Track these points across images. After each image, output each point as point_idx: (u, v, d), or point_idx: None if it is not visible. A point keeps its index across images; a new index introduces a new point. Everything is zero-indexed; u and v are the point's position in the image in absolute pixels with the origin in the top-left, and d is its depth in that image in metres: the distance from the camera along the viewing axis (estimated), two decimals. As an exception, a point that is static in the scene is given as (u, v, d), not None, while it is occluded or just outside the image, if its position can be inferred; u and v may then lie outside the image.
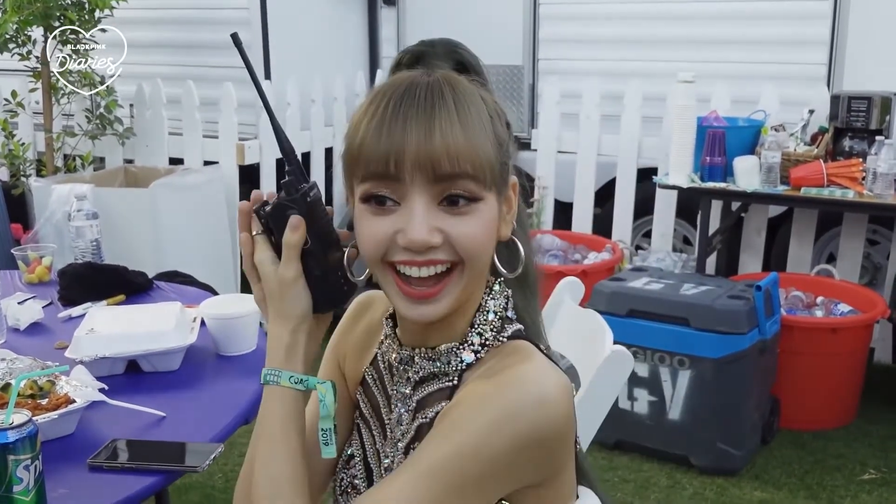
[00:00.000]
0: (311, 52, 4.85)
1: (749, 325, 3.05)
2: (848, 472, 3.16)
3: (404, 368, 1.07)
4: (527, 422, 0.92)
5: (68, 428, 1.59)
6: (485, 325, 1.03)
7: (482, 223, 0.96)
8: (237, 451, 3.25)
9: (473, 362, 1.02)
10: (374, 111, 0.95)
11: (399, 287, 0.97)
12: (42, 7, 4.10)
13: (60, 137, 4.55)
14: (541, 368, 0.97)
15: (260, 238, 1.03)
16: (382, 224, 0.95)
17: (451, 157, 0.92)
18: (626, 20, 4.50)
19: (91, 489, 1.43)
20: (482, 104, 0.97)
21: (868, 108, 3.60)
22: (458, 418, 0.94)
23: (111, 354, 1.83)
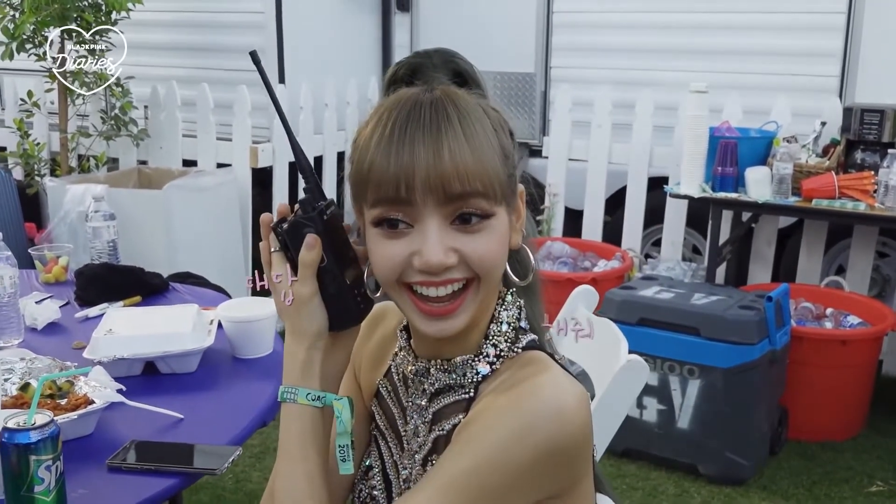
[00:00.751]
0: (325, 56, 4.86)
1: (759, 336, 3.05)
2: (856, 484, 3.15)
3: (420, 380, 1.07)
4: (545, 433, 0.92)
5: (87, 428, 1.60)
6: (499, 337, 1.04)
7: (495, 238, 0.96)
8: (248, 453, 3.26)
9: (489, 374, 1.02)
10: (380, 133, 0.95)
11: (416, 305, 0.98)
12: (59, 8, 4.12)
13: (75, 138, 4.56)
14: (558, 379, 0.96)
15: (277, 255, 1.03)
16: (397, 247, 0.95)
17: (460, 177, 0.92)
18: (639, 29, 4.50)
19: (110, 490, 1.43)
20: (486, 118, 0.97)
21: (881, 120, 3.60)
22: (477, 432, 0.94)
23: (129, 356, 1.84)
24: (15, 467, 1.29)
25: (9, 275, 2.06)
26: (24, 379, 1.70)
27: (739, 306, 3.10)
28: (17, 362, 1.77)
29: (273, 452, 3.27)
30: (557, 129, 4.53)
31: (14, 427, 1.29)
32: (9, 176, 4.21)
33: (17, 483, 1.29)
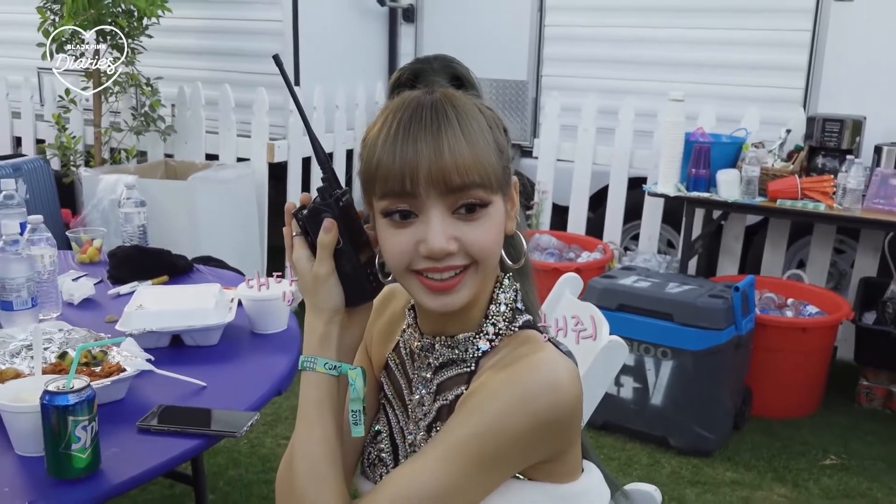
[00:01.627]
0: (337, 62, 4.85)
1: (727, 322, 3.06)
2: (811, 458, 3.17)
3: (425, 355, 1.08)
4: (542, 404, 0.93)
5: (119, 394, 1.61)
6: (498, 317, 1.04)
7: (492, 226, 0.98)
8: (261, 421, 3.27)
9: (488, 350, 1.04)
10: (386, 132, 0.96)
11: (421, 283, 0.99)
12: (95, 14, 4.10)
13: (108, 132, 4.55)
14: (552, 357, 0.98)
15: (298, 239, 1.04)
16: (404, 236, 0.96)
17: (459, 170, 0.93)
18: (623, 43, 4.49)
19: (140, 449, 1.44)
20: (481, 117, 0.98)
21: (840, 129, 3.61)
22: (479, 402, 0.95)
23: (158, 329, 1.84)
24: (54, 427, 1.30)
25: (49, 254, 2.06)
26: (62, 348, 1.70)
27: (709, 295, 3.11)
28: (55, 333, 1.77)
29: (285, 421, 3.28)
30: (547, 132, 4.53)
31: (54, 390, 1.30)
32: (47, 166, 4.19)
33: (56, 441, 1.31)
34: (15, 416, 1.38)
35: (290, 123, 4.41)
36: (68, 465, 1.31)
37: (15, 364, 1.65)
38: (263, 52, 4.63)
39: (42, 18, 4.22)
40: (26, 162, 4.10)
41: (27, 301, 1.93)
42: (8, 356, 1.69)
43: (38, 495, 1.29)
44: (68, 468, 1.31)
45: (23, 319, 1.91)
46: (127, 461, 1.39)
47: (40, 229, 2.08)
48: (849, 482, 2.99)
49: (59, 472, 1.32)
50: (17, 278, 1.90)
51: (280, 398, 3.46)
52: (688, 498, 2.86)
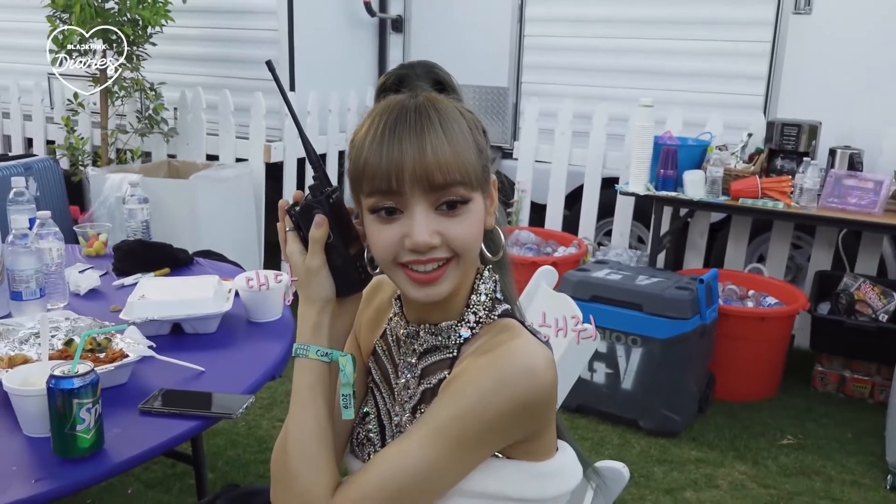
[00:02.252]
0: (330, 69, 4.82)
1: (692, 312, 3.07)
2: (770, 438, 3.18)
3: (410, 341, 1.08)
4: (519, 388, 0.93)
5: (122, 378, 1.59)
6: (478, 306, 1.04)
7: (473, 221, 0.98)
8: (258, 404, 3.26)
9: (469, 337, 1.04)
10: (373, 133, 0.95)
11: (406, 275, 0.99)
12: (102, 22, 4.06)
13: (114, 134, 4.51)
14: (529, 344, 0.97)
15: (291, 234, 1.03)
16: (390, 231, 0.96)
17: (442, 169, 0.93)
18: (597, 52, 4.49)
19: (141, 430, 1.43)
20: (462, 119, 0.98)
21: (798, 133, 3.63)
22: (460, 386, 0.95)
23: (159, 317, 1.83)
24: (60, 409, 1.29)
25: (56, 247, 2.04)
26: (68, 335, 1.68)
27: (676, 287, 3.11)
28: (62, 321, 1.76)
29: (280, 404, 3.27)
30: (526, 136, 4.53)
31: (60, 374, 1.29)
32: (56, 165, 4.16)
33: (62, 422, 1.29)
34: (23, 399, 1.36)
35: (286, 126, 4.38)
36: (73, 444, 1.30)
37: (24, 350, 1.64)
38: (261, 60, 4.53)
39: (52, 27, 4.17)
40: (37, 161, 4.06)
41: (36, 291, 1.91)
42: (17, 343, 1.67)
43: (45, 473, 1.27)
44: (73, 448, 1.30)
45: (31, 309, 1.89)
46: (129, 441, 1.38)
47: (48, 224, 2.06)
48: (804, 460, 3.01)
49: (64, 452, 1.31)
50: (26, 270, 1.88)
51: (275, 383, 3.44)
52: (656, 475, 2.87)
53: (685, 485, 2.81)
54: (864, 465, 2.98)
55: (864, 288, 3.57)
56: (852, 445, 3.13)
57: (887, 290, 3.53)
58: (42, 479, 1.25)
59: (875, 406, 3.46)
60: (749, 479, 2.86)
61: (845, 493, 2.79)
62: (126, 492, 2.64)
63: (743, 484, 2.83)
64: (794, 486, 2.83)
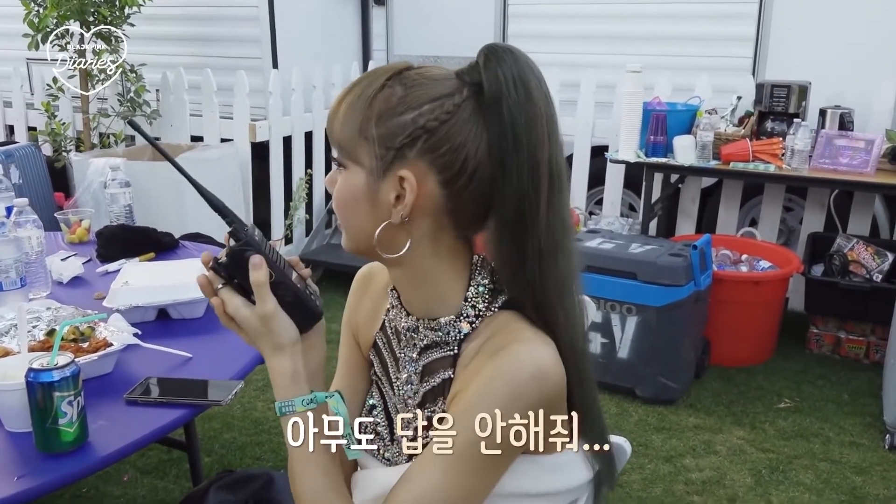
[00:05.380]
0: (313, 44, 4.73)
1: (686, 279, 3.03)
2: (767, 401, 3.16)
3: (410, 335, 1.02)
4: (533, 395, 0.89)
5: (107, 368, 1.54)
6: (477, 298, 0.98)
7: (343, 184, 0.94)
8: (252, 386, 3.22)
9: (470, 332, 0.97)
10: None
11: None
12: (78, 4, 3.96)
13: (96, 118, 4.43)
14: (533, 344, 0.92)
15: (225, 290, 0.94)
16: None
17: (333, 129, 0.93)
18: (583, 19, 4.42)
19: (127, 421, 1.38)
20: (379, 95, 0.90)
21: (787, 95, 3.57)
22: (469, 405, 0.90)
23: (143, 303, 1.78)
24: (40, 403, 1.24)
25: (36, 235, 1.98)
26: (50, 326, 1.63)
27: (669, 254, 3.07)
28: (43, 311, 1.70)
29: (275, 385, 3.23)
30: (514, 106, 4.45)
31: (38, 367, 1.24)
32: (38, 152, 4.08)
33: (44, 417, 1.25)
34: (2, 394, 1.31)
35: (271, 105, 4.29)
36: (56, 439, 1.25)
37: (4, 343, 1.58)
38: (242, 38, 4.52)
39: (27, 10, 4.07)
40: (18, 148, 3.98)
41: (16, 281, 1.85)
42: (-3, 335, 1.61)
43: (28, 469, 1.23)
44: (56, 442, 1.25)
45: (13, 299, 1.83)
46: (114, 433, 1.33)
47: (26, 212, 1.99)
48: (802, 423, 2.99)
49: (47, 447, 1.26)
50: (5, 259, 1.82)
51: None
52: (654, 443, 2.85)
53: (684, 452, 2.79)
54: (862, 426, 2.96)
55: (858, 248, 3.54)
56: (849, 406, 3.12)
57: (881, 250, 3.50)
58: (24, 476, 1.21)
59: (871, 366, 3.44)
60: (747, 444, 2.84)
61: (844, 454, 2.78)
62: (122, 479, 2.60)
63: (741, 449, 2.81)
64: (792, 449, 2.81)
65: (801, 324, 3.69)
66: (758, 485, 2.60)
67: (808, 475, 2.65)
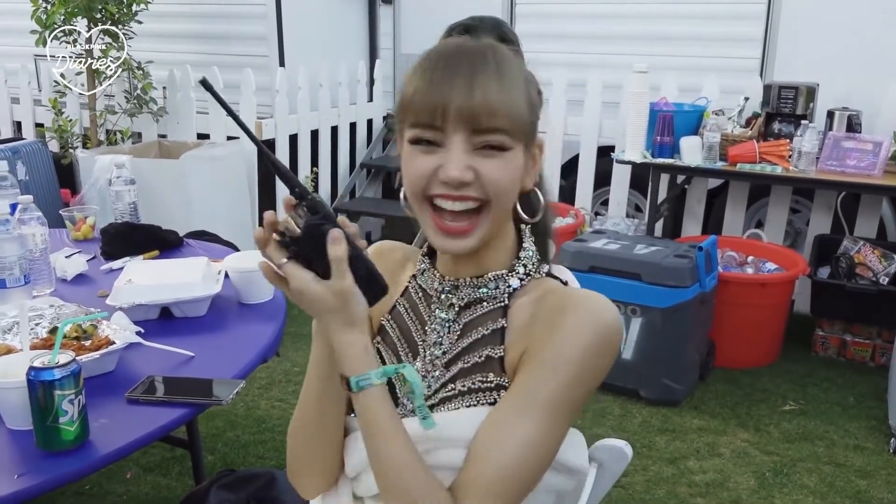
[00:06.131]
0: (320, 42, 4.73)
1: (692, 280, 3.02)
2: (772, 404, 3.15)
3: (447, 296, 1.03)
4: (613, 343, 0.95)
5: (109, 366, 1.54)
6: (527, 259, 1.03)
7: (509, 167, 0.93)
8: (256, 385, 3.22)
9: (518, 287, 1.02)
10: (426, 68, 0.93)
11: (434, 222, 0.95)
12: (86, 1, 3.96)
13: (103, 115, 4.43)
14: (601, 297, 0.97)
15: (292, 265, 0.89)
16: (427, 161, 0.93)
17: (487, 113, 0.90)
18: (590, 19, 4.41)
19: (129, 419, 1.38)
20: (519, 70, 0.95)
21: (795, 96, 3.55)
22: (558, 354, 0.93)
23: (146, 302, 1.77)
24: (41, 401, 1.24)
25: (40, 232, 1.98)
26: (53, 323, 1.63)
27: (675, 255, 3.06)
28: (46, 309, 1.70)
29: (278, 384, 3.23)
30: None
31: (39, 366, 1.24)
32: (45, 148, 4.08)
33: (44, 415, 1.24)
34: (3, 392, 1.31)
35: (277, 103, 4.29)
36: (56, 437, 1.25)
37: (7, 340, 1.58)
38: (249, 35, 4.52)
39: (34, 6, 4.07)
40: (24, 145, 3.98)
41: (20, 279, 1.84)
42: (1, 333, 1.61)
43: (28, 468, 1.22)
44: (57, 441, 1.25)
45: (16, 296, 1.83)
46: (115, 432, 1.33)
47: (30, 209, 1.99)
48: (807, 426, 2.97)
49: (47, 445, 1.26)
50: (9, 257, 1.82)
51: (274, 363, 3.42)
52: (658, 445, 2.84)
53: (688, 454, 2.78)
54: (867, 430, 2.94)
55: (865, 251, 3.52)
56: (854, 409, 3.10)
57: (888, 253, 3.48)
58: (25, 475, 1.20)
59: (876, 369, 3.42)
60: (751, 447, 2.83)
61: (848, 457, 2.76)
62: (125, 476, 2.60)
63: (745, 451, 2.80)
64: (796, 452, 2.79)
65: (807, 326, 3.67)
66: (761, 487, 2.59)
67: (811, 478, 2.64)
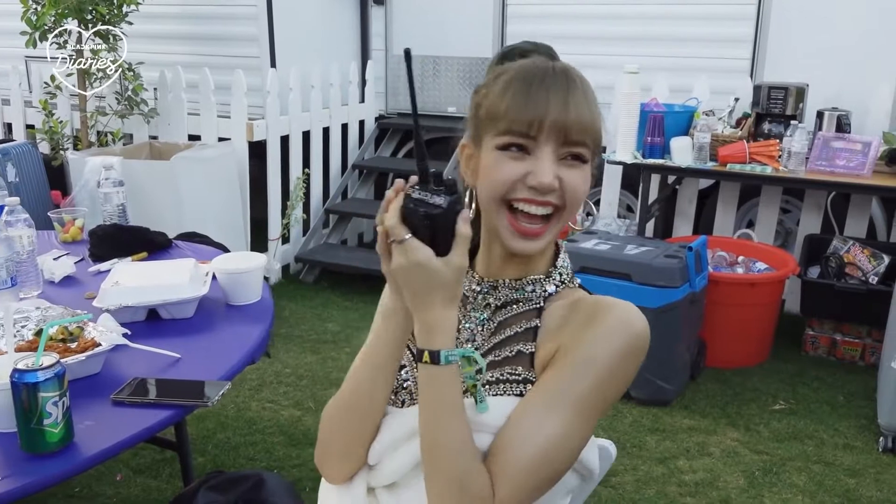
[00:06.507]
0: (311, 44, 4.73)
1: (682, 280, 3.02)
2: (762, 403, 3.16)
3: (484, 296, 1.08)
4: (642, 348, 1.00)
5: (95, 368, 1.54)
6: (564, 268, 1.10)
7: (586, 178, 1.01)
8: (247, 386, 3.22)
9: (554, 293, 1.07)
10: (518, 83, 0.98)
11: (511, 223, 1.00)
12: (76, 2, 3.95)
13: (94, 116, 4.42)
14: (632, 307, 1.02)
15: (414, 240, 0.92)
16: (516, 167, 0.98)
17: (578, 127, 0.97)
18: (581, 19, 4.41)
19: (114, 421, 1.38)
20: (594, 93, 1.02)
21: (785, 96, 3.57)
22: (590, 353, 0.97)
23: (133, 303, 1.77)
24: (25, 403, 1.24)
25: (27, 234, 1.98)
26: (39, 326, 1.63)
27: (665, 255, 3.07)
28: (32, 311, 1.70)
29: (269, 385, 3.23)
30: (512, 106, 4.44)
31: (23, 368, 1.24)
32: (35, 150, 4.07)
33: (28, 417, 1.24)
34: (-13, 394, 1.31)
35: (268, 104, 4.29)
36: (41, 439, 1.25)
37: (-7, 342, 1.58)
38: (240, 37, 4.51)
39: (24, 7, 4.06)
40: (15, 146, 3.97)
41: (7, 280, 1.84)
42: (-14, 335, 1.61)
43: (12, 470, 1.22)
44: (41, 443, 1.25)
45: (3, 298, 1.82)
46: (101, 434, 1.33)
47: (17, 211, 1.99)
48: (797, 425, 2.98)
49: (32, 447, 1.26)
50: (-4, 258, 1.82)
51: (264, 364, 3.42)
52: (648, 444, 2.84)
53: (678, 453, 2.78)
54: (856, 428, 2.95)
55: (854, 251, 3.53)
56: (844, 409, 3.11)
57: (877, 253, 3.49)
58: (9, 477, 1.20)
59: (866, 368, 3.44)
60: (741, 446, 2.83)
61: (838, 456, 2.77)
62: (115, 478, 2.60)
63: (735, 451, 2.80)
64: (786, 451, 2.80)
65: (797, 326, 3.68)
66: (751, 486, 2.59)
67: (801, 477, 2.65)
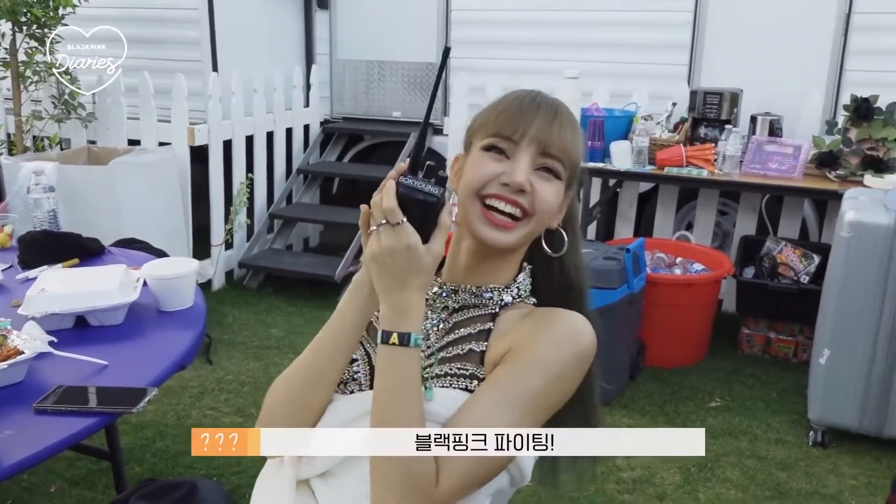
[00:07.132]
0: (254, 48, 4.70)
1: (620, 282, 3.08)
2: (699, 401, 3.23)
3: (442, 299, 1.13)
4: (588, 358, 1.06)
5: (17, 376, 1.51)
6: (522, 284, 1.14)
7: (556, 193, 1.08)
8: (188, 394, 3.18)
9: (510, 303, 1.12)
10: (511, 101, 1.08)
11: (483, 214, 1.06)
12: (9, 3, 3.87)
13: (29, 121, 4.32)
14: (583, 319, 1.07)
15: (408, 226, 0.97)
16: (493, 166, 1.05)
17: (557, 145, 1.06)
18: (523, 25, 4.47)
19: (36, 430, 1.36)
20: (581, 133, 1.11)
21: (720, 101, 3.66)
22: (540, 356, 1.02)
23: (60, 311, 1.75)
24: (-60, 413, 1.21)
25: (-50, 242, 1.93)
26: (-40, 334, 1.59)
27: (604, 257, 3.12)
28: (-46, 320, 1.66)
29: (210, 393, 3.20)
30: (456, 111, 4.48)
31: (-63, 377, 1.21)
32: (-32, 155, 3.97)
33: (-57, 427, 1.21)
34: None
35: (210, 108, 4.25)
36: (-43, 450, 1.23)
37: (-89, 352, 1.54)
38: (181, 40, 4.46)
39: (-45, 9, 3.96)
40: (-55, 152, 3.87)
41: (-72, 289, 1.80)
42: None
43: (-74, 482, 1.20)
44: (-43, 453, 1.23)
45: (-75, 307, 1.78)
46: (22, 443, 1.31)
47: (-60, 217, 1.94)
48: (731, 421, 3.06)
49: (-53, 458, 1.23)
50: (-83, 267, 1.77)
51: (206, 371, 3.39)
52: (588, 444, 2.88)
53: (616, 452, 2.83)
54: (788, 423, 3.04)
55: (786, 251, 3.64)
56: (777, 405, 3.20)
57: (808, 253, 3.60)
58: (-78, 489, 1.18)
59: (798, 365, 3.54)
60: (678, 443, 2.89)
61: (770, 451, 2.85)
62: (49, 490, 2.54)
63: (672, 448, 2.86)
64: (721, 446, 2.87)
65: (734, 325, 3.78)
66: (686, 482, 2.65)
67: (734, 472, 2.72)
